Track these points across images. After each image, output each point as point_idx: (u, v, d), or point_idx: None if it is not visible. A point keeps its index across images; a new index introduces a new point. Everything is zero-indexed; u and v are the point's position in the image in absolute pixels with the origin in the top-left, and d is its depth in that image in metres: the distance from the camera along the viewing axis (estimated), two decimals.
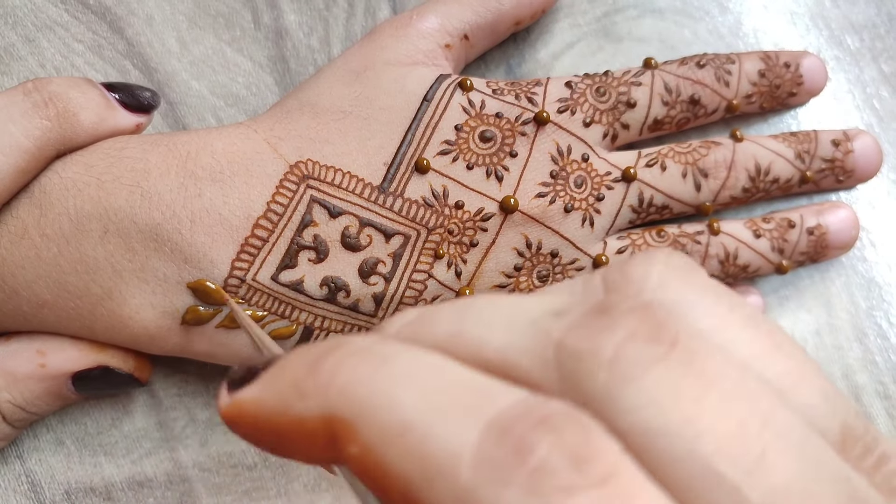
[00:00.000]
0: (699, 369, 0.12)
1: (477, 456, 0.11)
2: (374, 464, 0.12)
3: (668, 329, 0.12)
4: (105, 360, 0.25)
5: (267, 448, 0.14)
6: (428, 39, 0.27)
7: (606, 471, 0.11)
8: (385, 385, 0.12)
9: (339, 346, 0.13)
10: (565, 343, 0.12)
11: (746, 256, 0.29)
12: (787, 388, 0.13)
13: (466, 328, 0.13)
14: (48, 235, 0.23)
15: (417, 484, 0.11)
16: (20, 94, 0.23)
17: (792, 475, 0.11)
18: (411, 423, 0.11)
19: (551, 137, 0.27)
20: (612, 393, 0.12)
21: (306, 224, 0.24)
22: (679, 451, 0.11)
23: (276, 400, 0.13)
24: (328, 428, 0.12)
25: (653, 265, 0.14)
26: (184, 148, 0.24)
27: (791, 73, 0.31)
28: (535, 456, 0.11)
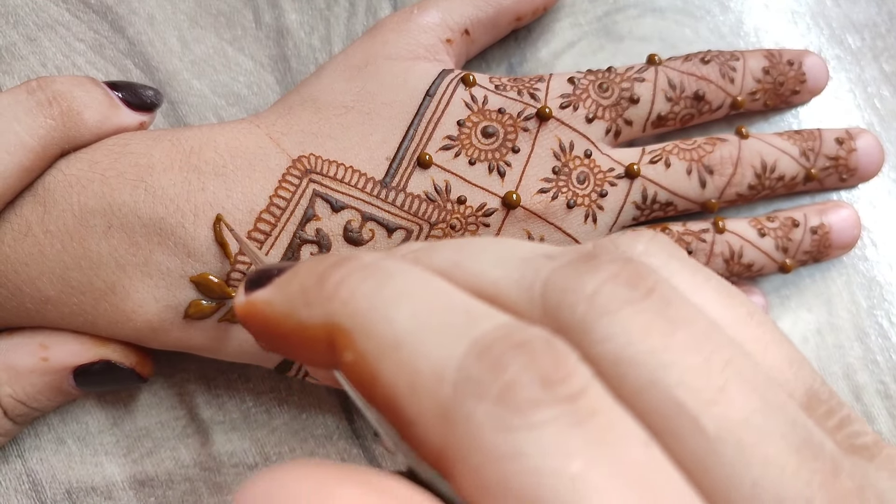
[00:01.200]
0: (672, 313, 0.13)
1: (458, 372, 0.12)
2: (366, 372, 0.13)
3: (646, 279, 0.13)
4: (107, 354, 0.25)
5: (273, 348, 0.15)
6: (429, 34, 0.27)
7: (574, 391, 0.12)
8: (384, 301, 0.13)
9: (349, 259, 0.14)
10: (551, 279, 0.13)
11: (751, 255, 0.29)
12: (755, 352, 0.14)
13: (465, 259, 0.15)
14: (52, 232, 0.23)
15: (403, 394, 0.12)
16: (24, 92, 0.23)
17: (749, 412, 0.12)
18: (403, 338, 0.12)
19: (553, 133, 0.27)
20: (587, 324, 0.13)
21: (309, 218, 0.24)
22: (644, 380, 0.12)
23: (285, 304, 0.14)
24: (328, 334, 0.13)
25: (640, 238, 0.15)
26: (187, 143, 0.24)
27: (794, 70, 0.31)
28: (507, 373, 0.12)
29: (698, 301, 0.14)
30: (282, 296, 0.15)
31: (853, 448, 0.14)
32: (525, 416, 0.11)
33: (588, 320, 0.13)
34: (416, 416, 0.12)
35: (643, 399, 0.12)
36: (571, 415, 0.11)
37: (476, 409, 0.11)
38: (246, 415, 0.28)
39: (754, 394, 0.12)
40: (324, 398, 0.29)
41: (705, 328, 0.13)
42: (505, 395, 0.11)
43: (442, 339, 0.12)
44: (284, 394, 0.29)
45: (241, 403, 0.29)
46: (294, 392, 0.29)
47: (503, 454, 0.11)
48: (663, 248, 0.15)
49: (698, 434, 0.12)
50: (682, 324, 0.13)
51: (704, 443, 0.12)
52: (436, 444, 0.12)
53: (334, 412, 0.29)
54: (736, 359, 0.13)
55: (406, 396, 0.12)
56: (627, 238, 0.15)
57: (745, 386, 0.12)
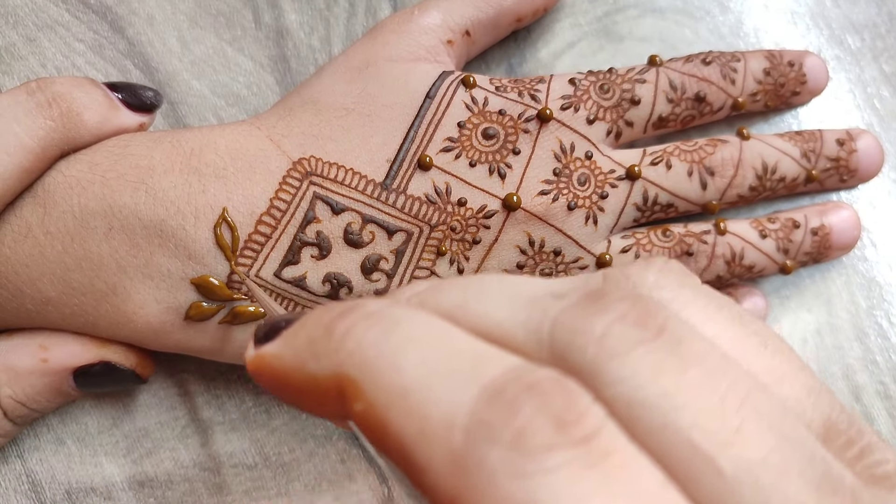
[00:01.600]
0: (683, 352, 0.13)
1: (469, 418, 0.12)
2: (376, 421, 0.13)
3: (656, 317, 0.13)
4: (107, 355, 0.25)
5: (285, 399, 0.15)
6: (430, 35, 0.27)
7: (588, 432, 0.11)
8: (391, 349, 0.13)
9: (354, 308, 0.14)
10: (560, 320, 0.13)
11: (752, 257, 0.29)
12: (771, 383, 0.14)
13: (471, 300, 0.14)
14: (52, 233, 0.23)
15: (413, 442, 0.12)
16: (24, 93, 0.23)
17: (766, 451, 0.12)
18: (412, 386, 0.12)
19: (554, 135, 0.27)
20: (598, 366, 0.12)
21: (309, 220, 0.24)
22: (658, 423, 0.12)
23: (294, 357, 0.14)
24: (338, 386, 0.13)
25: (650, 267, 0.15)
26: (188, 145, 0.24)
27: (795, 71, 0.31)
28: (520, 417, 0.11)
29: (711, 332, 0.14)
30: (290, 349, 0.15)
31: (874, 479, 0.13)
32: (539, 462, 0.11)
33: (598, 363, 0.12)
34: (428, 463, 0.12)
35: (658, 441, 0.12)
36: (585, 457, 0.11)
37: (489, 454, 0.11)
38: (245, 415, 0.28)
39: (771, 431, 0.12)
40: None
41: (718, 364, 0.13)
42: (518, 440, 0.11)
43: (451, 384, 0.12)
44: None
45: (240, 404, 0.29)
46: None
47: (517, 501, 0.11)
48: (675, 277, 0.15)
49: (715, 476, 0.12)
50: (694, 362, 0.12)
51: (722, 484, 0.12)
52: (448, 492, 0.12)
53: None
54: (751, 395, 0.12)
55: (417, 444, 0.12)
56: (638, 269, 0.15)
57: (761, 423, 0.12)
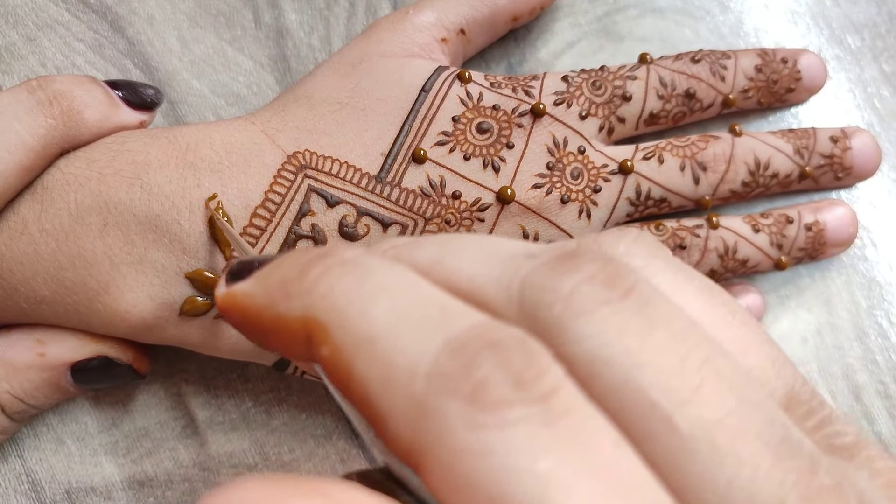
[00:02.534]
0: (649, 313, 0.13)
1: (431, 369, 0.12)
2: (341, 366, 0.13)
3: (625, 279, 0.13)
4: (104, 350, 0.25)
5: (253, 338, 0.15)
6: (424, 33, 0.27)
7: (545, 390, 0.12)
8: (361, 296, 0.13)
9: (329, 254, 0.14)
10: (530, 278, 0.13)
11: (745, 251, 0.29)
12: (736, 351, 0.14)
13: (446, 256, 0.14)
14: (47, 231, 0.23)
15: (376, 389, 0.12)
16: (24, 92, 0.23)
17: (724, 412, 0.12)
18: (378, 333, 0.13)
19: (547, 129, 0.27)
20: (563, 324, 0.13)
21: (304, 213, 0.25)
22: (618, 380, 0.12)
23: (265, 296, 0.15)
24: (306, 328, 0.14)
25: (624, 237, 0.15)
26: (183, 140, 0.24)
27: (789, 68, 0.31)
28: (479, 372, 0.12)
29: (679, 301, 0.14)
30: (262, 288, 0.15)
31: (832, 448, 0.13)
32: (496, 415, 0.11)
33: (564, 320, 0.13)
34: (389, 410, 0.12)
35: (617, 399, 0.12)
36: (542, 414, 0.11)
37: (448, 405, 0.11)
38: (245, 415, 0.28)
39: (731, 393, 0.12)
40: (323, 398, 0.29)
41: (683, 327, 0.13)
42: (476, 394, 0.11)
43: (417, 335, 0.12)
44: (284, 394, 0.29)
45: (240, 404, 0.29)
46: (293, 392, 0.29)
47: (473, 451, 0.11)
48: (646, 247, 0.15)
49: (672, 433, 0.12)
50: (659, 323, 0.13)
51: (678, 442, 0.12)
52: (407, 440, 0.12)
53: (334, 412, 0.29)
54: (713, 358, 0.13)
55: (379, 391, 0.12)
56: (611, 236, 0.15)
57: (721, 385, 0.12)
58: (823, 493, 0.12)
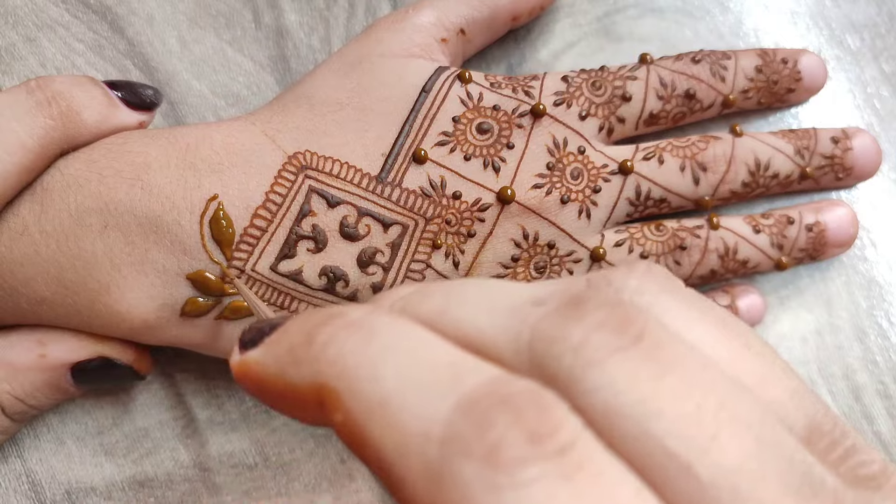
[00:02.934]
0: (662, 358, 0.13)
1: (445, 431, 0.12)
2: (355, 432, 0.13)
3: (635, 323, 0.13)
4: (104, 350, 0.25)
5: (269, 405, 0.15)
6: (424, 33, 0.27)
7: (561, 445, 0.11)
8: (370, 358, 0.13)
9: (336, 316, 0.14)
10: (538, 328, 0.13)
11: (746, 251, 0.29)
12: (754, 386, 0.13)
13: (452, 307, 0.14)
14: (47, 232, 0.23)
15: (391, 454, 0.12)
16: (24, 92, 0.23)
17: (744, 456, 0.12)
18: (389, 396, 0.12)
19: (548, 130, 0.27)
20: (575, 375, 0.12)
21: (305, 214, 0.25)
22: (634, 430, 0.12)
23: (275, 364, 0.14)
24: (318, 394, 0.13)
25: (633, 272, 0.15)
26: (183, 140, 0.24)
27: (789, 69, 0.31)
28: (494, 431, 0.11)
29: (692, 337, 0.14)
30: (272, 356, 0.15)
31: (857, 480, 0.13)
32: (512, 475, 0.11)
33: (575, 371, 0.12)
34: (405, 475, 0.12)
35: (635, 449, 0.12)
36: (559, 469, 0.11)
37: (464, 469, 0.11)
38: (245, 415, 0.28)
39: (749, 435, 0.12)
40: None
41: (697, 369, 0.13)
42: (492, 454, 0.11)
43: (428, 395, 0.12)
44: None
45: (240, 404, 0.29)
46: None
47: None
48: (657, 282, 0.15)
49: (692, 482, 0.12)
50: (671, 367, 0.12)
51: (699, 491, 0.12)
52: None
53: None
54: (729, 399, 0.12)
55: (394, 456, 0.12)
56: (620, 274, 0.15)
57: (738, 428, 0.12)
58: None
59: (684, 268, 0.29)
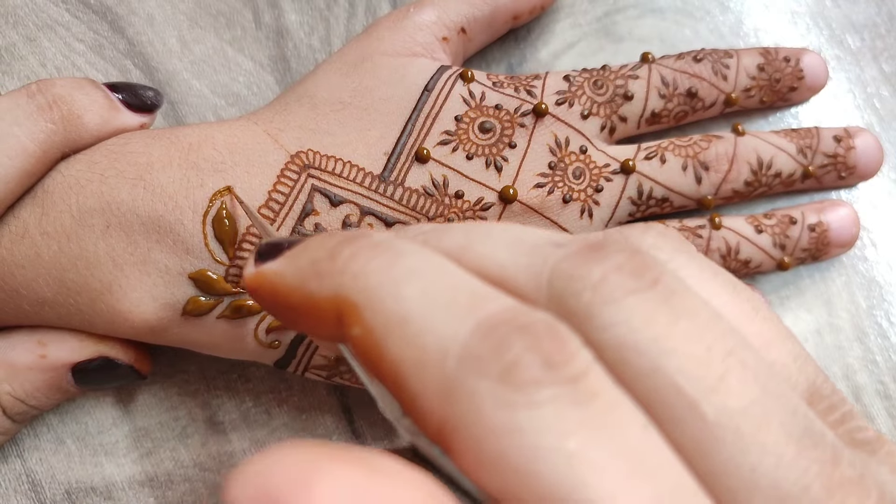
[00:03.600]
0: (676, 303, 0.13)
1: (463, 350, 0.12)
2: (372, 346, 0.13)
3: (652, 269, 0.13)
4: (105, 350, 0.25)
5: (281, 318, 0.16)
6: (425, 32, 0.27)
7: (575, 373, 0.12)
8: (394, 277, 0.13)
9: (360, 236, 0.14)
10: (559, 266, 0.13)
11: (748, 251, 0.29)
12: (760, 347, 0.14)
13: (474, 242, 0.15)
14: (49, 233, 0.23)
15: (408, 369, 0.12)
16: (24, 96, 0.23)
17: (749, 400, 0.12)
18: (411, 314, 0.13)
19: (549, 129, 0.27)
20: (592, 311, 0.13)
21: (307, 213, 0.25)
22: (646, 366, 0.12)
23: (295, 275, 0.15)
24: (336, 308, 0.14)
25: (649, 230, 0.15)
26: (186, 140, 0.24)
27: (791, 67, 0.31)
28: (510, 353, 0.12)
29: (704, 294, 0.14)
30: (292, 267, 0.15)
31: (855, 442, 0.14)
32: (526, 395, 0.11)
33: (593, 307, 0.13)
34: (420, 390, 0.12)
35: (645, 385, 0.12)
36: (571, 395, 0.12)
37: (478, 385, 0.12)
38: (245, 415, 0.28)
39: (755, 383, 0.12)
40: (323, 398, 0.29)
41: (708, 319, 0.13)
42: (507, 374, 0.12)
43: (449, 316, 0.12)
44: (284, 394, 0.29)
45: (240, 404, 0.29)
46: (294, 392, 0.29)
47: (503, 429, 0.11)
48: (672, 241, 0.15)
49: (698, 420, 0.12)
50: (685, 313, 0.13)
51: (703, 428, 0.12)
52: (437, 418, 0.12)
53: (334, 412, 0.29)
54: (738, 349, 0.13)
55: (411, 371, 0.12)
56: (637, 230, 0.15)
57: (745, 375, 0.12)
58: (846, 483, 0.12)
59: None
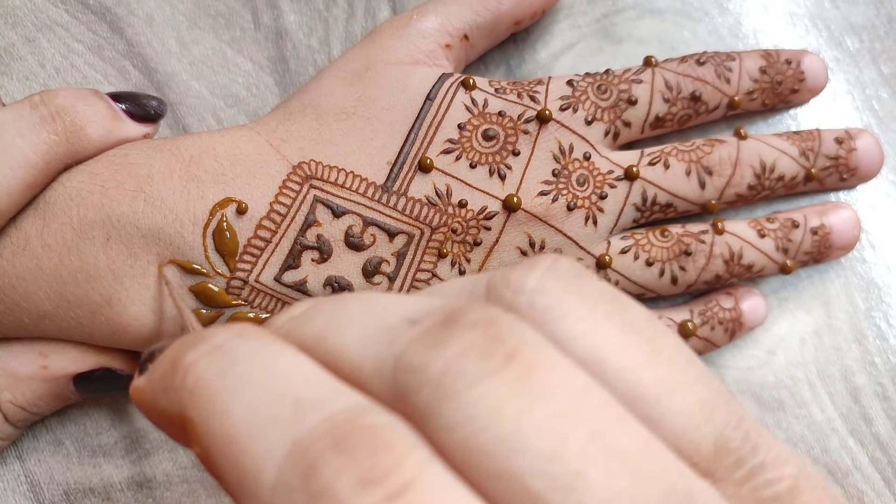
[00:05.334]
0: (533, 384, 0.11)
1: (277, 479, 0.11)
2: (210, 467, 0.12)
3: (506, 343, 0.12)
4: (106, 362, 0.25)
5: (162, 430, 0.15)
6: (428, 39, 0.27)
7: (397, 488, 0.10)
8: (224, 390, 0.12)
9: (199, 341, 0.13)
10: (403, 356, 0.12)
11: (751, 256, 0.29)
12: (660, 396, 0.13)
13: (329, 332, 0.13)
14: (50, 245, 0.23)
15: (236, 496, 0.12)
16: (27, 107, 0.23)
17: (614, 493, 0.11)
18: (234, 435, 0.12)
19: (553, 136, 0.27)
20: (433, 409, 0.11)
21: (310, 224, 0.24)
22: (494, 469, 0.11)
23: (150, 391, 0.14)
24: (183, 424, 0.13)
25: (534, 269, 0.14)
26: (187, 152, 0.24)
27: (792, 69, 0.31)
28: (319, 479, 0.11)
29: (591, 344, 0.13)
30: (148, 383, 0.14)
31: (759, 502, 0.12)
32: None
33: (433, 405, 0.11)
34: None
35: (496, 489, 0.11)
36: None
37: None
38: None
39: (623, 469, 0.11)
40: None
41: (572, 395, 0.12)
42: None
43: (268, 436, 0.11)
44: None
45: None
46: None
47: None
48: (559, 280, 0.13)
49: None
50: (542, 396, 0.11)
51: None
52: None
53: None
54: (606, 429, 0.11)
55: (238, 497, 0.12)
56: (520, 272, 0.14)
57: (610, 462, 0.11)
58: None
59: (689, 273, 0.29)
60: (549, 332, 0.13)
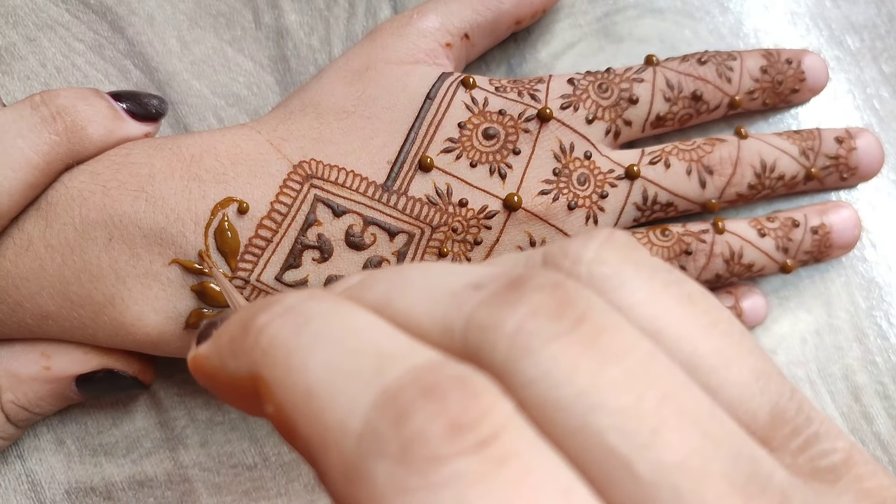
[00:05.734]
0: (603, 346, 0.12)
1: (363, 427, 0.11)
2: (284, 424, 0.12)
3: (575, 306, 0.12)
4: (109, 363, 0.25)
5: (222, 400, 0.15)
6: (429, 38, 0.27)
7: (486, 434, 0.11)
8: (301, 347, 0.12)
9: (271, 304, 0.13)
10: (473, 317, 0.12)
11: (751, 255, 0.29)
12: (717, 366, 0.13)
13: (393, 296, 0.13)
14: (53, 246, 0.23)
15: (315, 449, 0.12)
16: (28, 108, 0.23)
17: (686, 452, 0.11)
18: (315, 389, 0.12)
19: (554, 135, 0.27)
20: (508, 366, 0.12)
21: (310, 223, 0.24)
22: (573, 424, 0.11)
23: (218, 357, 0.14)
24: (255, 385, 0.13)
25: (591, 241, 0.14)
26: (188, 151, 0.24)
27: (793, 69, 0.31)
28: (410, 425, 0.11)
29: (650, 313, 0.13)
30: (215, 349, 0.14)
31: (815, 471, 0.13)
32: (424, 476, 0.10)
33: (510, 362, 0.12)
34: (326, 471, 0.11)
35: (574, 444, 0.11)
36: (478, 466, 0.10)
37: (376, 468, 0.11)
38: (245, 415, 0.28)
39: (693, 430, 0.11)
40: None
41: (641, 359, 0.12)
42: (406, 451, 0.11)
43: (351, 388, 0.11)
44: None
45: None
46: None
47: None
48: (617, 251, 0.14)
49: (632, 480, 0.11)
50: (613, 356, 0.12)
51: (639, 489, 0.11)
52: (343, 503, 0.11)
53: None
54: (675, 391, 0.12)
55: (317, 450, 0.12)
56: (578, 243, 0.14)
57: (682, 422, 0.11)
58: None
59: (689, 272, 0.29)
60: (608, 301, 0.13)
